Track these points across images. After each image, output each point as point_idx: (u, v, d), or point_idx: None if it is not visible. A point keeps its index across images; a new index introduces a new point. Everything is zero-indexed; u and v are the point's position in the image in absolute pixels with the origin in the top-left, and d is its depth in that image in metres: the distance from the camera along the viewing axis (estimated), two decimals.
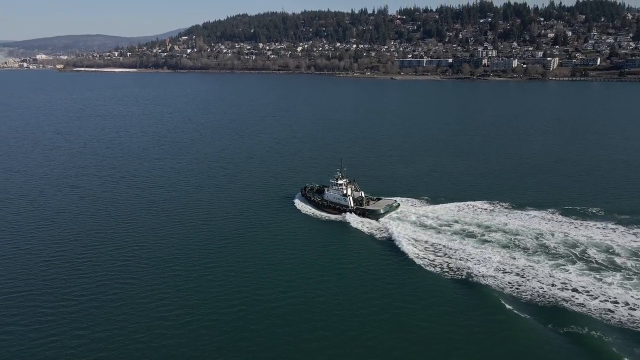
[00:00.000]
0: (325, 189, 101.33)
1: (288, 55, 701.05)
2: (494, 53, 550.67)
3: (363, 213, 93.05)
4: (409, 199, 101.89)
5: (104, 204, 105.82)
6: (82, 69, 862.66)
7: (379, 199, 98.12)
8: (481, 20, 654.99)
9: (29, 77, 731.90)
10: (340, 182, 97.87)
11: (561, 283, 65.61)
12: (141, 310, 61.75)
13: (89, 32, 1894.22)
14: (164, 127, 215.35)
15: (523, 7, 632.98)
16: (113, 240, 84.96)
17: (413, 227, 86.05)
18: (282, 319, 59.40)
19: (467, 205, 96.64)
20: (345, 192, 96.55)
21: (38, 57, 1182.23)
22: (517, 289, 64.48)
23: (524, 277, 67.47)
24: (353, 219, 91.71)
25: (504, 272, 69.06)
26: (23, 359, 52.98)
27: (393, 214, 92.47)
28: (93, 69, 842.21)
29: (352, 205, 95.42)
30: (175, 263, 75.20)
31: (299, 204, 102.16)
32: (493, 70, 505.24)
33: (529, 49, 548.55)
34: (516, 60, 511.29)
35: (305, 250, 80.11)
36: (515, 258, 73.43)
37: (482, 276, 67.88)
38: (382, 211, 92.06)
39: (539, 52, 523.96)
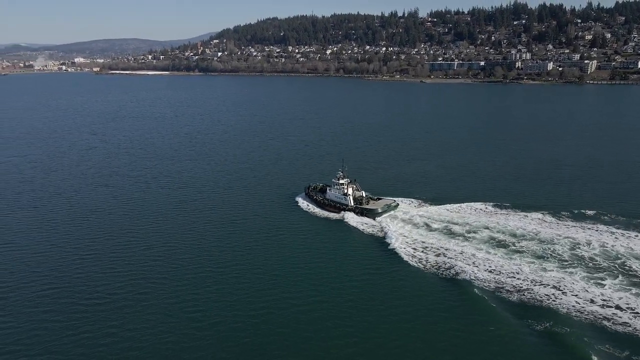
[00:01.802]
0: (328, 188, 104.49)
1: (317, 58, 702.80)
2: (528, 56, 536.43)
3: (361, 212, 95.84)
4: (411, 199, 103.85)
5: (136, 203, 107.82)
6: (117, 71, 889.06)
7: (379, 199, 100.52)
8: (515, 22, 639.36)
9: (67, 79, 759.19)
10: (341, 181, 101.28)
11: (555, 283, 65.81)
12: (170, 310, 62.16)
13: (125, 36, 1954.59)
14: (194, 129, 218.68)
15: (559, 9, 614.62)
16: (144, 239, 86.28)
17: (408, 226, 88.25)
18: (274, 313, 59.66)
19: (467, 207, 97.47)
20: (346, 191, 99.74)
21: (76, 60, 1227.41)
22: (520, 294, 63.60)
23: (544, 286, 66.01)
24: (351, 218, 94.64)
25: (498, 274, 69.29)
26: (57, 353, 53.97)
27: (392, 213, 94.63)
28: (127, 72, 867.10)
29: (352, 204, 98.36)
30: (200, 262, 75.78)
31: (302, 202, 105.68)
32: (527, 73, 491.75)
33: (565, 51, 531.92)
34: (551, 63, 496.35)
35: (299, 245, 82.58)
36: (517, 262, 73.08)
37: (469, 274, 68.96)
38: (379, 210, 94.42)
39: (576, 55, 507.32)
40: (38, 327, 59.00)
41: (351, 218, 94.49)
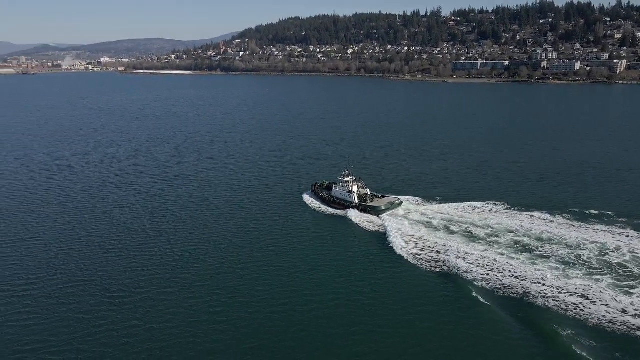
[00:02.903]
0: (333, 186, 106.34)
1: (338, 57, 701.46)
2: (555, 55, 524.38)
3: (365, 209, 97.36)
4: (416, 198, 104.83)
5: (158, 201, 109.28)
6: (142, 71, 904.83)
7: (384, 197, 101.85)
8: (541, 21, 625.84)
9: (93, 79, 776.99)
10: (346, 179, 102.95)
11: (582, 291, 63.80)
12: (191, 307, 62.62)
13: (149, 36, 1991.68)
14: (216, 128, 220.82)
15: (587, 7, 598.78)
16: (165, 236, 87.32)
17: (409, 223, 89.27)
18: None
19: (470, 206, 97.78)
20: (350, 189, 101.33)
21: (102, 60, 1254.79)
22: (545, 301, 61.75)
23: (525, 280, 67.02)
24: (354, 215, 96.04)
25: (499, 273, 69.21)
26: (83, 346, 54.89)
27: (394, 210, 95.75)
28: (151, 71, 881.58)
29: (356, 201, 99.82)
30: (216, 258, 76.44)
31: (308, 199, 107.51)
32: (553, 73, 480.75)
33: (594, 50, 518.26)
34: (579, 62, 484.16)
35: (300, 242, 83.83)
36: (514, 258, 73.52)
37: (466, 272, 69.18)
38: (382, 208, 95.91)
39: (605, 54, 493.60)
40: (64, 321, 60.14)
41: (354, 215, 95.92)
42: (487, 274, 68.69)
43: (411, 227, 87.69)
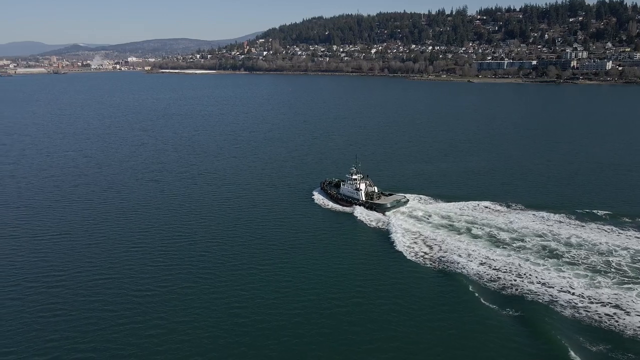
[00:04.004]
0: (342, 183, 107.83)
1: (362, 57, 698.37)
2: (585, 54, 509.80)
3: (371, 206, 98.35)
4: (426, 196, 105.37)
5: (182, 198, 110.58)
6: (167, 70, 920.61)
7: (391, 194, 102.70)
8: (571, 19, 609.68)
9: (120, 78, 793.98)
10: (354, 177, 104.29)
11: (615, 300, 61.14)
12: (213, 304, 62.95)
13: (175, 36, 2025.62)
14: (239, 127, 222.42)
15: (619, 5, 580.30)
16: (189, 233, 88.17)
17: (413, 221, 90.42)
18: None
19: (479, 205, 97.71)
20: (358, 186, 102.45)
21: (129, 59, 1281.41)
22: (574, 311, 59.24)
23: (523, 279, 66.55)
24: (360, 212, 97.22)
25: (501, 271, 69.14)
26: (108, 341, 55.64)
27: (401, 208, 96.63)
28: (176, 71, 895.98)
29: (364, 199, 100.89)
30: (236, 257, 76.72)
31: (317, 196, 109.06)
32: (583, 73, 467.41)
33: (626, 49, 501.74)
34: (610, 62, 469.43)
35: (301, 239, 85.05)
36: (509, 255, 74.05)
37: (464, 269, 69.70)
38: (388, 205, 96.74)
39: (638, 54, 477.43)
40: (90, 315, 61.17)
41: (360, 212, 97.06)
42: (499, 276, 67.90)
43: (414, 224, 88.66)
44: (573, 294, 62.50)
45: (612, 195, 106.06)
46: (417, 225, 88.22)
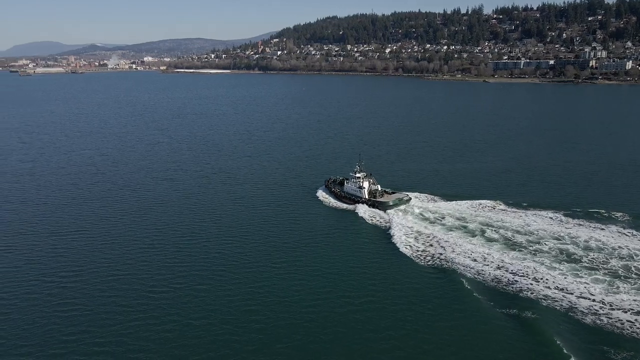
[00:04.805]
0: (345, 181, 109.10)
1: (376, 57, 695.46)
2: (604, 54, 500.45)
3: (373, 204, 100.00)
4: (427, 195, 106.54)
5: (197, 197, 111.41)
6: (182, 70, 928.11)
7: (393, 193, 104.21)
8: (589, 18, 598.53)
9: (136, 77, 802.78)
10: (357, 175, 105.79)
11: (637, 306, 59.82)
12: (227, 304, 63.17)
13: (190, 36, 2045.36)
14: (253, 126, 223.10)
15: None
16: (203, 232, 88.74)
17: (414, 218, 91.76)
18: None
19: (480, 205, 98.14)
20: (361, 184, 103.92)
21: (145, 59, 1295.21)
22: (595, 317, 57.48)
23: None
24: (363, 209, 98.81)
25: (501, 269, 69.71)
26: (124, 337, 56.16)
27: (402, 207, 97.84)
28: (191, 70, 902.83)
29: (366, 196, 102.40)
30: (251, 256, 76.91)
31: (321, 194, 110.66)
32: (602, 72, 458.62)
33: None
34: (630, 62, 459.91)
35: (312, 235, 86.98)
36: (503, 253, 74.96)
37: (463, 267, 70.53)
38: (390, 203, 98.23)
39: None
40: (106, 311, 61.89)
41: (362, 210, 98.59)
42: (515, 280, 66.85)
43: (416, 221, 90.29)
44: (593, 300, 61.00)
45: (633, 197, 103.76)
46: (418, 222, 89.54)
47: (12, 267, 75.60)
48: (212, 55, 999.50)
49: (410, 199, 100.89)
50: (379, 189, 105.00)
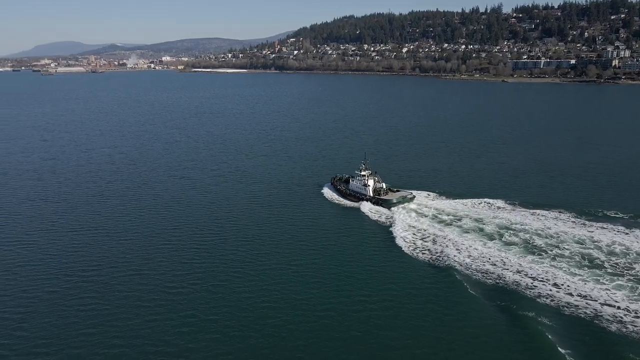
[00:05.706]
0: (351, 179, 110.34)
1: (393, 56, 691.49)
2: (627, 53, 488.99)
3: (377, 202, 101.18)
4: (431, 193, 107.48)
5: (214, 196, 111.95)
6: (199, 69, 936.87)
7: (398, 191, 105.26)
8: (612, 17, 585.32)
9: (155, 76, 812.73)
10: (363, 173, 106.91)
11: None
12: (242, 304, 63.09)
13: (207, 36, 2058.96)
14: (270, 126, 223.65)
15: None
16: (220, 230, 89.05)
17: (417, 216, 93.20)
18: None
19: (484, 202, 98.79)
20: (366, 182, 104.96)
21: (163, 59, 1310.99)
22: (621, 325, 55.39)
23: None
24: (367, 207, 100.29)
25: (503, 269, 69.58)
26: (141, 334, 56.53)
27: (406, 204, 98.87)
28: (208, 70, 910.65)
29: (371, 194, 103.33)
30: (267, 256, 76.72)
31: (327, 192, 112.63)
32: (625, 72, 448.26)
33: None
34: None
35: (305, 233, 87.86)
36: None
37: (461, 265, 70.91)
38: (394, 201, 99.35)
39: None
40: (123, 309, 62.33)
41: (366, 208, 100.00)
42: (535, 285, 64.89)
43: (419, 218, 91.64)
44: (618, 307, 59.17)
45: None
46: (420, 220, 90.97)
47: (34, 262, 76.86)
48: (229, 55, 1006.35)
49: (414, 197, 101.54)
50: (384, 187, 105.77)
